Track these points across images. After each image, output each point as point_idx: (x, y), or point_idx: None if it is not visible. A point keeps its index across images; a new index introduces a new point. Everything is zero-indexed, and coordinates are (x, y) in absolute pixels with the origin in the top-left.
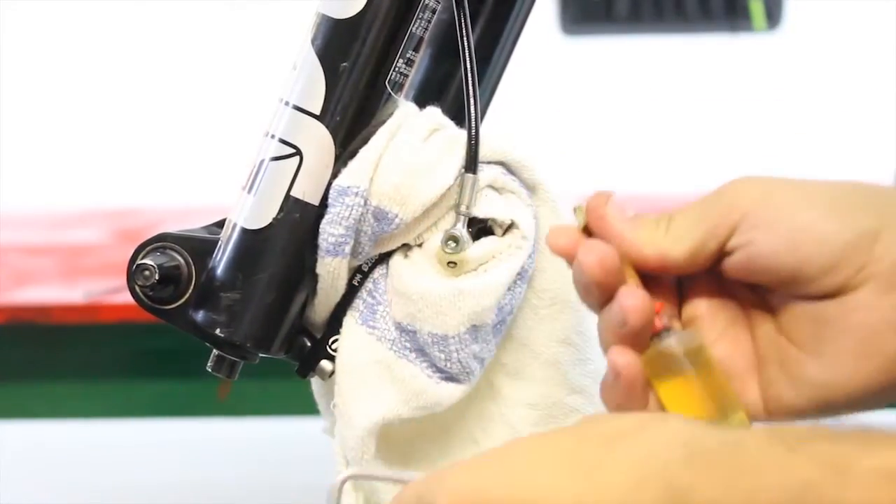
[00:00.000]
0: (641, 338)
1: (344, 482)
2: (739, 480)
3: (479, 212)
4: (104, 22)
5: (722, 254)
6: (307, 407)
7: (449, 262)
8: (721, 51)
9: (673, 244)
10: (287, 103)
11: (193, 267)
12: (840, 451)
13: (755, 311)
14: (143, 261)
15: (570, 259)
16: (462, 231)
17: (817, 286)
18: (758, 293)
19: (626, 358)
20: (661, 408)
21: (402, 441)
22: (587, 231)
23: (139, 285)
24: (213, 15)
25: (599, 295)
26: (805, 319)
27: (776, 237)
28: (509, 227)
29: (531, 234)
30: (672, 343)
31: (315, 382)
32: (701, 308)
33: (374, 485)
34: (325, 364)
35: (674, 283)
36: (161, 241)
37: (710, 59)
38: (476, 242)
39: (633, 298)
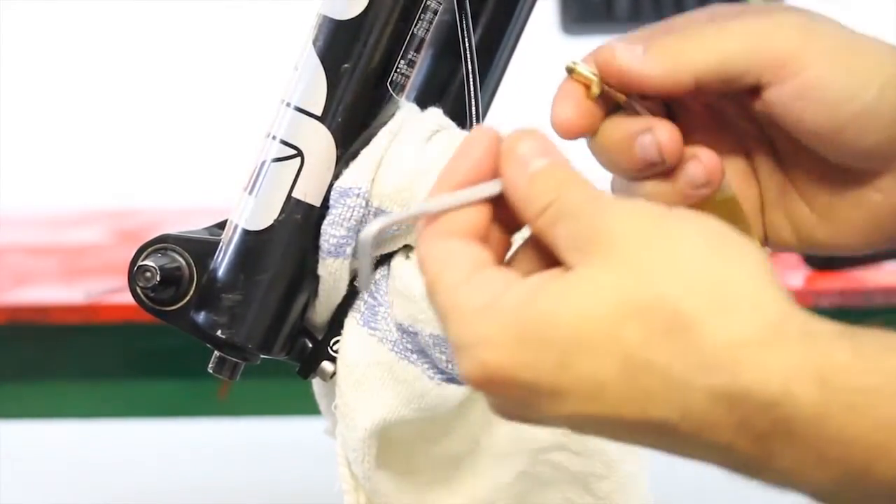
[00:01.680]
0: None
1: (377, 232)
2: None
3: None
4: (104, 22)
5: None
6: (307, 407)
7: None
8: None
9: (704, 64)
10: (288, 104)
11: (195, 268)
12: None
13: (758, 147)
14: (145, 262)
15: (587, 134)
16: None
17: (843, 162)
18: (763, 131)
19: None
20: None
21: (403, 442)
22: (593, 92)
23: (140, 287)
24: (213, 15)
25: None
26: (821, 182)
27: (820, 108)
28: None
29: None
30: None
31: (316, 384)
32: (698, 139)
33: (377, 486)
34: (326, 365)
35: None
36: (162, 243)
37: None
38: None
39: (712, 159)
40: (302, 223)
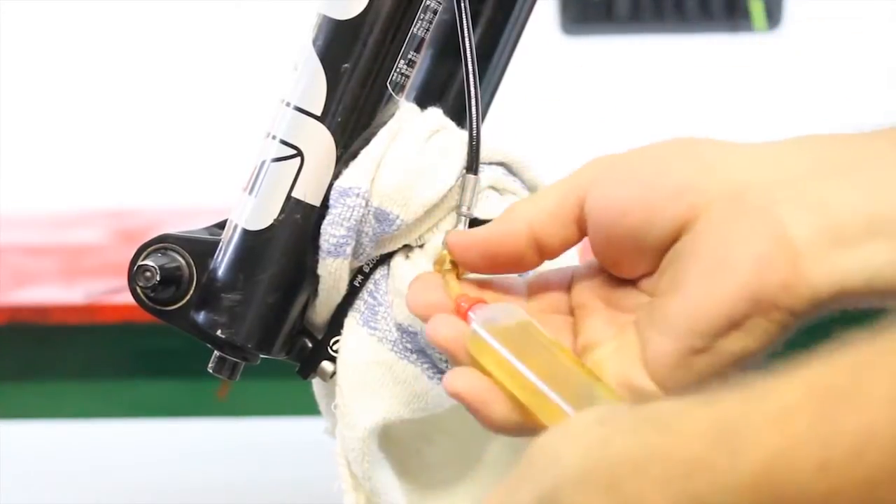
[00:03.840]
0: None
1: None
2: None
3: (481, 213)
4: (104, 22)
5: (582, 231)
6: (307, 407)
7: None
8: (721, 51)
9: (531, 207)
10: (288, 104)
11: (194, 268)
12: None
13: (636, 304)
14: (145, 262)
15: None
16: None
17: (664, 226)
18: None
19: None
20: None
21: (403, 442)
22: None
23: (140, 286)
24: (214, 15)
25: None
26: (665, 270)
27: (618, 192)
28: None
29: None
30: (473, 325)
31: (316, 383)
32: (595, 325)
33: (376, 486)
34: (326, 365)
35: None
36: (162, 243)
37: (710, 59)
38: None
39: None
40: (302, 223)
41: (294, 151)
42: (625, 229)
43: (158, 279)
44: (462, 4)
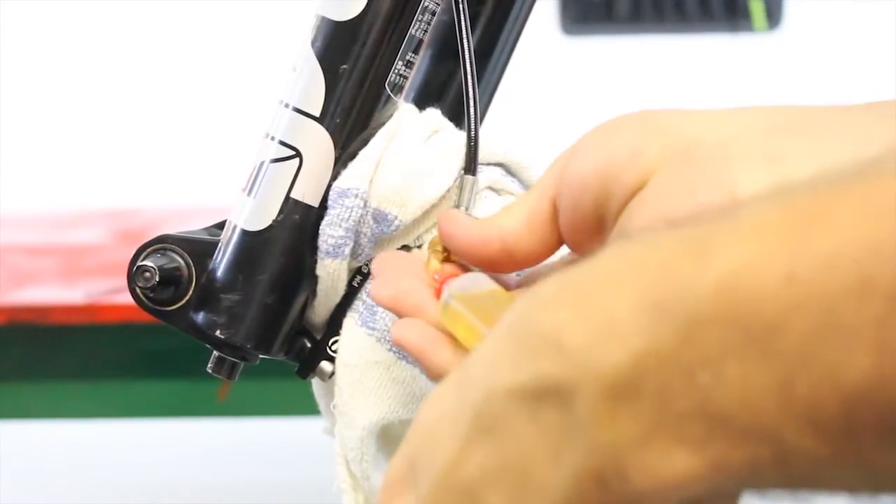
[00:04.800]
0: None
1: None
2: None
3: (479, 213)
4: (104, 22)
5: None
6: (307, 407)
7: None
8: (721, 51)
9: (508, 216)
10: (287, 105)
11: (194, 268)
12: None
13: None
14: (144, 262)
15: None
16: None
17: (621, 195)
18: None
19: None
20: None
21: (401, 441)
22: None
23: (140, 287)
24: (213, 14)
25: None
26: (618, 228)
27: (579, 169)
28: None
29: None
30: (444, 295)
31: (315, 383)
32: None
33: (374, 486)
34: (324, 365)
35: None
36: (161, 243)
37: (710, 59)
38: None
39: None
40: (300, 223)
41: (293, 152)
42: (587, 206)
43: (158, 279)
44: (461, 5)
